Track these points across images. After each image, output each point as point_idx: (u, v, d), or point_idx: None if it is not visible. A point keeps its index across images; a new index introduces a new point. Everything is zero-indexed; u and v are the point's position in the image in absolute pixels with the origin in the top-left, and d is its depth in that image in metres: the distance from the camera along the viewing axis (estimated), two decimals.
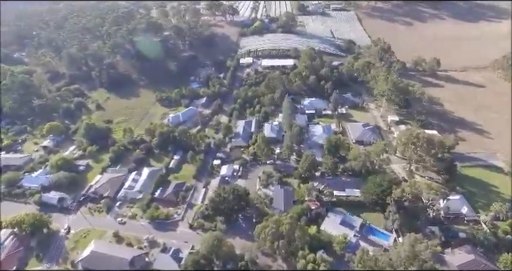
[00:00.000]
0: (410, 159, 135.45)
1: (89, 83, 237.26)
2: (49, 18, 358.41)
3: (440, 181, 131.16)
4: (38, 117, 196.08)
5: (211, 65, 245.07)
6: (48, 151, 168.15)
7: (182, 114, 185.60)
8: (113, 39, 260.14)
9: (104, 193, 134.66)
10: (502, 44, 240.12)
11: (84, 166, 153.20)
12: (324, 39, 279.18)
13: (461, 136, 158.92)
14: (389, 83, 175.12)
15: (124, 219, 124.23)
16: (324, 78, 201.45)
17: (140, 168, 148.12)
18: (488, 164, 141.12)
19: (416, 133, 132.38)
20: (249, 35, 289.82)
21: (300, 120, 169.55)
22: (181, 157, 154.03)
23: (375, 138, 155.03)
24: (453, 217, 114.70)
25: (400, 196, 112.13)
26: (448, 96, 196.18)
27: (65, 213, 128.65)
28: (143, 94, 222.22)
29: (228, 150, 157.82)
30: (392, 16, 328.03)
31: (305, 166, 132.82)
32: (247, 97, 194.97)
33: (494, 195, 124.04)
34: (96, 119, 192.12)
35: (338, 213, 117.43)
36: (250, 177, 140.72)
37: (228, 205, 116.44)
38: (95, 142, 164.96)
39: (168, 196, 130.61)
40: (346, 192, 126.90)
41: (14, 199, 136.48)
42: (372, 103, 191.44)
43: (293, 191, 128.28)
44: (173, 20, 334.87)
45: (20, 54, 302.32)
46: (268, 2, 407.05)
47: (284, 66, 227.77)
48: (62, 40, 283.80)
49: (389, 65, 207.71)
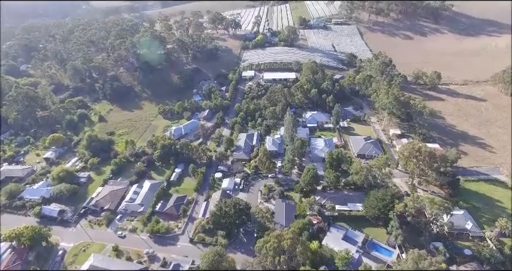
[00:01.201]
0: (413, 173, 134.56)
1: (92, 94, 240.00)
2: (56, 32, 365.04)
3: (443, 195, 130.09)
4: (41, 129, 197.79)
5: (213, 78, 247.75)
6: (50, 162, 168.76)
7: (184, 127, 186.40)
8: (117, 51, 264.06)
9: (104, 206, 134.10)
10: (502, 58, 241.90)
11: (85, 178, 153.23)
12: (326, 52, 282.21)
13: (464, 150, 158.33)
14: (390, 97, 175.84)
15: (124, 232, 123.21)
16: (326, 92, 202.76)
17: (141, 181, 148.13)
18: (491, 178, 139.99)
19: (418, 147, 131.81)
20: (251, 49, 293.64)
21: (301, 133, 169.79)
22: (182, 170, 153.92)
23: (376, 152, 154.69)
24: (457, 233, 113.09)
25: (403, 210, 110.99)
26: (450, 110, 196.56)
27: (64, 226, 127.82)
28: (146, 106, 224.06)
29: (229, 163, 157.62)
30: (393, 30, 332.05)
31: (307, 180, 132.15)
32: (249, 110, 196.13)
33: (499, 210, 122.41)
34: (98, 131, 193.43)
35: (340, 228, 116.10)
36: (252, 191, 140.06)
37: (229, 220, 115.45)
38: (97, 154, 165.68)
39: (169, 210, 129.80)
40: (348, 206, 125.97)
41: (14, 212, 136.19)
42: (374, 116, 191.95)
43: (295, 205, 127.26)
44: (176, 33, 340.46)
45: (26, 67, 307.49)
46: (270, 16, 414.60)
47: (286, 80, 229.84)
48: (67, 53, 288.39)
49: (390, 79, 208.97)
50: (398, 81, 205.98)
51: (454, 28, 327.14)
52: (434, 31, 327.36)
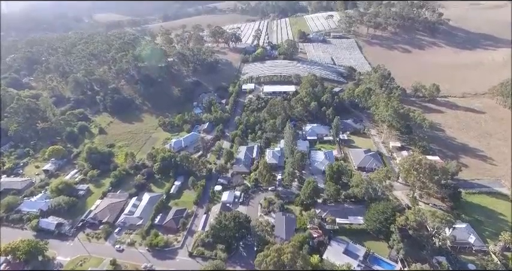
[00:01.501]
0: (414, 185, 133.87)
1: (93, 107, 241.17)
2: (58, 45, 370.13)
3: (445, 208, 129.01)
4: (41, 141, 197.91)
5: (213, 91, 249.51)
6: (49, 175, 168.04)
7: (184, 139, 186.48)
8: (118, 64, 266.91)
9: (103, 219, 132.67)
10: (498, 71, 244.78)
11: (84, 191, 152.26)
12: (325, 65, 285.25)
13: (464, 162, 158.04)
14: (390, 109, 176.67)
15: (122, 246, 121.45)
16: (325, 104, 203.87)
17: (141, 193, 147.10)
18: (493, 191, 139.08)
19: (418, 159, 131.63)
20: (251, 62, 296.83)
21: (301, 146, 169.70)
22: (182, 182, 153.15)
23: (377, 164, 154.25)
24: (460, 246, 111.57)
25: (404, 224, 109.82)
26: (449, 122, 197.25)
27: (62, 240, 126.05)
28: (146, 119, 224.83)
29: (229, 176, 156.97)
30: (392, 44, 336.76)
31: (307, 193, 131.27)
32: (249, 123, 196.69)
33: (502, 224, 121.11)
34: (98, 143, 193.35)
35: (341, 242, 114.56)
36: (252, 204, 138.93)
37: (228, 233, 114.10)
38: (97, 167, 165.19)
39: (168, 223, 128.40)
40: (349, 219, 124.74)
41: (10, 225, 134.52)
42: (374, 129, 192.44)
43: (295, 218, 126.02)
44: (177, 46, 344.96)
45: (28, 79, 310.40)
46: (270, 29, 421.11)
47: (286, 92, 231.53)
48: (69, 65, 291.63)
49: (389, 91, 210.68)
50: (398, 94, 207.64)
51: (451, 42, 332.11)
52: (431, 44, 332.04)
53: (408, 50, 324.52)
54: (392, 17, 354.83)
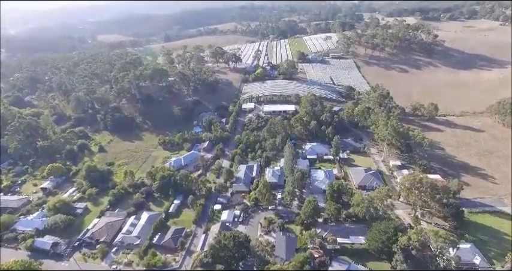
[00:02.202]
0: (415, 204, 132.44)
1: (93, 125, 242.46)
2: (62, 65, 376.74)
3: (448, 228, 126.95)
4: (40, 159, 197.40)
5: (214, 110, 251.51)
6: (47, 193, 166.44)
7: (184, 158, 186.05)
8: (120, 84, 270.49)
9: (100, 238, 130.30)
10: (495, 90, 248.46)
11: (82, 209, 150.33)
12: (324, 85, 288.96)
13: (466, 180, 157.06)
14: (389, 128, 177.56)
15: (119, 266, 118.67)
16: (325, 123, 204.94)
17: (139, 212, 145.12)
18: (496, 210, 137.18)
19: (419, 178, 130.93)
20: (251, 82, 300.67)
21: (301, 165, 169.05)
22: (181, 201, 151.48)
23: (377, 183, 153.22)
24: (466, 268, 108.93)
25: (407, 244, 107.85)
26: (449, 141, 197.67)
27: (56, 260, 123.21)
28: (146, 137, 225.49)
29: (229, 195, 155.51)
30: (389, 64, 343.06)
31: (307, 212, 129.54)
32: (249, 142, 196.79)
33: (507, 244, 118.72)
34: (98, 161, 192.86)
35: (342, 262, 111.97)
36: (252, 223, 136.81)
37: (228, 253, 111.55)
38: (95, 185, 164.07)
39: (167, 242, 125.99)
40: (350, 239, 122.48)
41: (5, 245, 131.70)
42: (373, 148, 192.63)
43: (295, 238, 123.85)
44: (178, 66, 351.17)
45: (30, 98, 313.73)
46: (269, 50, 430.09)
47: (285, 112, 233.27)
48: (72, 84, 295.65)
49: (388, 110, 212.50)
50: (397, 113, 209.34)
51: (447, 62, 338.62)
52: (428, 64, 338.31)
53: (405, 69, 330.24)
54: (389, 38, 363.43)
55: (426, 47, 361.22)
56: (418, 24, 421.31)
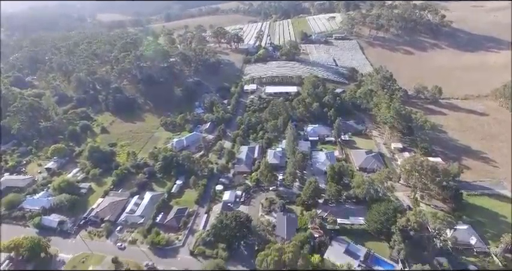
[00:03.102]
0: (415, 186, 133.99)
1: (95, 106, 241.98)
2: (61, 45, 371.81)
3: (446, 210, 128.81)
4: (43, 139, 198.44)
5: (215, 91, 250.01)
6: (51, 173, 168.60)
7: (186, 139, 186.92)
8: (121, 64, 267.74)
9: (104, 217, 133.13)
10: (500, 73, 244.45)
11: (86, 189, 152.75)
12: (327, 67, 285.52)
13: (467, 164, 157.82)
14: (391, 111, 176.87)
15: (124, 244, 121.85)
16: (327, 105, 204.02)
17: (142, 192, 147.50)
18: (495, 193, 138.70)
19: (420, 160, 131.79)
20: (253, 62, 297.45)
21: (303, 146, 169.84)
22: (183, 182, 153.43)
23: (378, 165, 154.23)
24: (462, 248, 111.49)
25: (405, 225, 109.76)
26: (452, 124, 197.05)
27: (64, 237, 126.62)
28: (148, 118, 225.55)
29: (230, 176, 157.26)
30: (394, 45, 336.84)
31: (308, 193, 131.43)
32: (250, 123, 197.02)
33: (504, 226, 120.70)
34: (100, 142, 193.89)
35: (342, 242, 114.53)
36: (253, 204, 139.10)
37: (230, 232, 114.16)
38: (99, 165, 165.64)
39: (170, 222, 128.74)
40: (350, 220, 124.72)
41: (13, 222, 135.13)
42: (375, 130, 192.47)
43: (296, 218, 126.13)
44: (180, 46, 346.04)
45: (31, 78, 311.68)
46: (272, 30, 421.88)
47: (287, 93, 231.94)
48: (72, 65, 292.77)
49: (391, 93, 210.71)
50: (399, 95, 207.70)
51: (454, 43, 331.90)
52: (434, 46, 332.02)
53: (410, 51, 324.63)
54: (394, 18, 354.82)
55: (432, 28, 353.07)
56: (425, 4, 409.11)
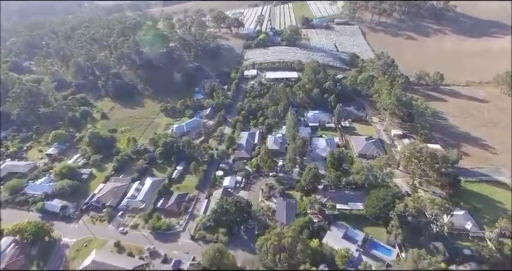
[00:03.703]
0: (414, 173, 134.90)
1: (94, 92, 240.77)
2: (59, 29, 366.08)
3: (444, 196, 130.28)
4: (43, 125, 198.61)
5: (215, 77, 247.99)
6: (52, 159, 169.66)
7: (186, 125, 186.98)
8: (120, 49, 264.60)
9: (106, 202, 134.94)
10: (504, 59, 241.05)
11: (87, 175, 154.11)
12: (328, 52, 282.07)
13: (466, 151, 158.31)
14: (392, 97, 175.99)
15: (126, 228, 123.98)
16: (328, 91, 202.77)
17: (143, 178, 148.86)
18: (493, 180, 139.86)
19: (419, 147, 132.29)
20: (253, 48, 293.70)
21: (303, 132, 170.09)
22: (184, 167, 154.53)
23: (378, 152, 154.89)
24: (457, 233, 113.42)
25: (403, 210, 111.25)
26: (452, 111, 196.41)
27: (67, 222, 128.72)
28: (148, 104, 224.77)
29: (231, 162, 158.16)
30: (396, 30, 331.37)
31: (308, 179, 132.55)
32: (251, 109, 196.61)
33: (500, 211, 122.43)
34: (100, 128, 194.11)
35: (340, 227, 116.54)
36: (253, 189, 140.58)
37: (230, 217, 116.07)
38: (99, 151, 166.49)
39: (170, 207, 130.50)
40: (348, 205, 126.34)
41: (17, 207, 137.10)
42: (376, 116, 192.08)
43: (295, 204, 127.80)
44: (179, 31, 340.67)
45: (29, 63, 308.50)
46: (272, 15, 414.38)
47: (288, 79, 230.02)
48: (70, 50, 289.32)
49: (392, 79, 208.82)
50: (401, 82, 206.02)
51: (457, 29, 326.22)
52: (437, 32, 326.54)
53: (413, 37, 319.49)
54: (397, 3, 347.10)
55: (436, 13, 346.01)
56: None
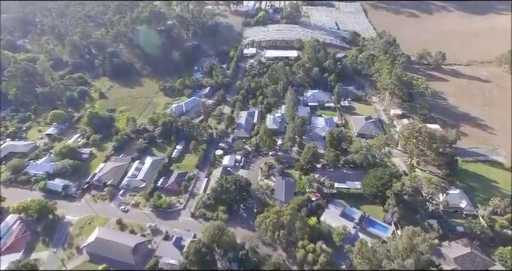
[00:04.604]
0: (412, 153, 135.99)
1: (91, 71, 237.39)
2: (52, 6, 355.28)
3: (441, 175, 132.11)
4: (41, 105, 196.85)
5: (214, 55, 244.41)
6: (52, 139, 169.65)
7: (185, 104, 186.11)
8: (116, 27, 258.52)
9: (107, 182, 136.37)
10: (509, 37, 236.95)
11: (87, 155, 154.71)
12: (329, 30, 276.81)
13: (464, 131, 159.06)
14: (393, 77, 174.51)
15: (127, 207, 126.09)
16: (328, 70, 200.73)
17: (143, 157, 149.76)
18: (489, 159, 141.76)
19: (418, 127, 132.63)
20: (252, 25, 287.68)
21: (302, 112, 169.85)
22: (183, 147, 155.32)
23: (377, 132, 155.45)
24: (452, 211, 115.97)
25: (400, 189, 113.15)
26: (453, 91, 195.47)
27: (69, 200, 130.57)
28: (146, 83, 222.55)
29: (230, 141, 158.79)
30: (399, 8, 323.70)
31: (307, 158, 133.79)
32: (250, 88, 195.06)
33: (494, 190, 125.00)
34: (99, 108, 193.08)
35: (338, 205, 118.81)
36: (252, 168, 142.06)
37: (229, 196, 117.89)
38: (99, 131, 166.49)
39: (171, 186, 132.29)
40: (346, 184, 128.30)
41: (19, 186, 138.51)
42: (375, 96, 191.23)
43: (294, 182, 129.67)
44: (177, 9, 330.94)
45: (23, 41, 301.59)
46: None
47: (288, 58, 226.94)
48: (65, 27, 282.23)
49: (393, 58, 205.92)
50: (402, 61, 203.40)
51: (462, 6, 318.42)
52: (440, 9, 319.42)
53: (416, 14, 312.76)
54: None
55: None
56: None
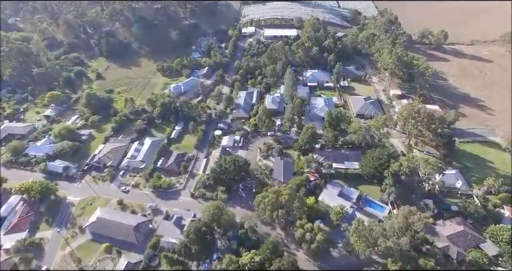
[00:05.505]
0: (410, 133, 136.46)
1: (88, 51, 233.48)
2: None
3: (438, 156, 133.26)
4: (38, 86, 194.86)
5: (212, 34, 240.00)
6: (50, 120, 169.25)
7: (183, 85, 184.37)
8: (111, 5, 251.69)
9: (107, 163, 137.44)
10: None
11: (86, 136, 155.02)
12: (329, 8, 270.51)
13: (463, 112, 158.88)
14: (393, 56, 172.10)
15: (127, 187, 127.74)
16: (327, 50, 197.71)
17: (142, 138, 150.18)
18: (486, 140, 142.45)
19: (417, 108, 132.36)
20: (251, 3, 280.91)
21: (301, 92, 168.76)
22: (182, 127, 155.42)
23: (376, 112, 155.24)
24: (448, 191, 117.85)
25: (398, 170, 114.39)
26: (454, 71, 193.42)
27: (70, 181, 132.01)
28: (144, 63, 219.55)
29: (229, 121, 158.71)
30: None
31: (305, 139, 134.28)
32: (249, 68, 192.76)
33: (489, 170, 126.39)
34: (97, 89, 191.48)
35: (336, 185, 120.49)
36: (251, 148, 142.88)
37: (228, 176, 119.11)
38: (97, 112, 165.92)
39: (170, 166, 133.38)
40: (345, 164, 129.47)
41: (20, 167, 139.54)
42: (375, 76, 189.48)
43: (293, 163, 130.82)
44: None
45: (14, 20, 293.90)
46: None
47: (287, 37, 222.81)
48: (58, 5, 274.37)
49: (394, 37, 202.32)
50: (403, 41, 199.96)
51: None
52: None
53: None
54: None
55: None
56: None
